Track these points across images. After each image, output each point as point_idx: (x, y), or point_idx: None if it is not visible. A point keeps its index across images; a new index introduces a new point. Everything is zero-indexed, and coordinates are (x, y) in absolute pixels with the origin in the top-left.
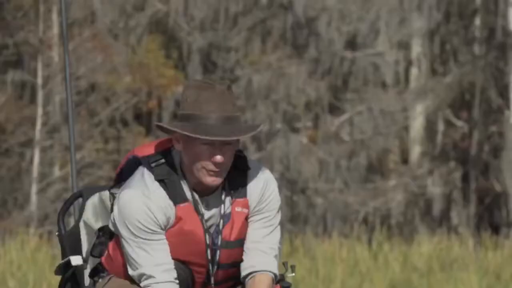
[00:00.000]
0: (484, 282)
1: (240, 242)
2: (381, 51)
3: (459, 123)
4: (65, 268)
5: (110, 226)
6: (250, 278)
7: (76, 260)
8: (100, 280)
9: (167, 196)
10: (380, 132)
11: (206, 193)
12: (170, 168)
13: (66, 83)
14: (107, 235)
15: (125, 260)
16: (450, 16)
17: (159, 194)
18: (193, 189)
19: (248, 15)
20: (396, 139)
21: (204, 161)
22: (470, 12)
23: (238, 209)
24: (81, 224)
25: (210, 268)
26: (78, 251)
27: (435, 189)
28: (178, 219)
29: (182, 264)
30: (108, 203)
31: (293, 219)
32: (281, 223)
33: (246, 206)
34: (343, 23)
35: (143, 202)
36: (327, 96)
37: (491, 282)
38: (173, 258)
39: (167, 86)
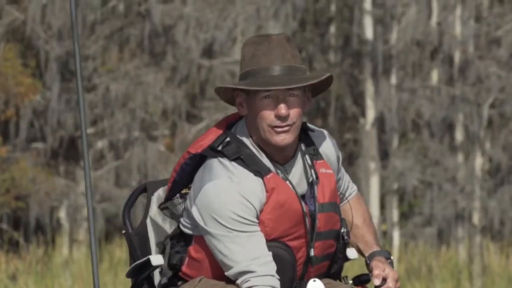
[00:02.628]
0: None
1: (333, 206)
2: (238, 59)
3: None
4: (139, 270)
5: (186, 229)
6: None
7: (157, 260)
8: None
9: (251, 173)
10: None
11: (284, 162)
12: (239, 144)
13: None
14: (182, 241)
15: (214, 260)
16: (305, 24)
17: (244, 174)
18: (271, 159)
19: (105, 23)
20: None
21: (269, 117)
22: (325, 20)
23: (322, 170)
24: (148, 221)
25: (309, 239)
26: (147, 251)
27: None
28: (271, 190)
29: (283, 244)
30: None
31: None
32: None
33: (328, 167)
34: (200, 31)
35: (235, 190)
36: (185, 104)
37: None
38: (273, 239)
39: (24, 94)
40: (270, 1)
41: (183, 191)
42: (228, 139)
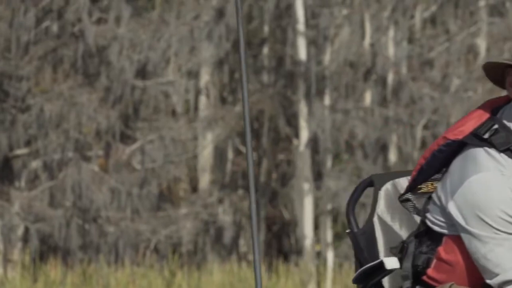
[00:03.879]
0: None
1: None
2: (171, 79)
3: None
4: (369, 275)
5: (436, 227)
6: None
7: (391, 263)
8: None
9: None
10: (171, 160)
11: None
12: (508, 133)
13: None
14: (428, 241)
15: (470, 265)
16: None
17: None
18: None
19: (39, 44)
20: (186, 167)
21: None
22: (258, 41)
23: None
24: (375, 219)
25: None
26: (374, 253)
27: (225, 217)
28: None
29: None
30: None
31: (85, 248)
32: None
33: None
34: (134, 52)
35: (508, 186)
36: (118, 125)
37: None
38: None
39: None
40: (204, 22)
41: (419, 187)
42: (496, 126)
